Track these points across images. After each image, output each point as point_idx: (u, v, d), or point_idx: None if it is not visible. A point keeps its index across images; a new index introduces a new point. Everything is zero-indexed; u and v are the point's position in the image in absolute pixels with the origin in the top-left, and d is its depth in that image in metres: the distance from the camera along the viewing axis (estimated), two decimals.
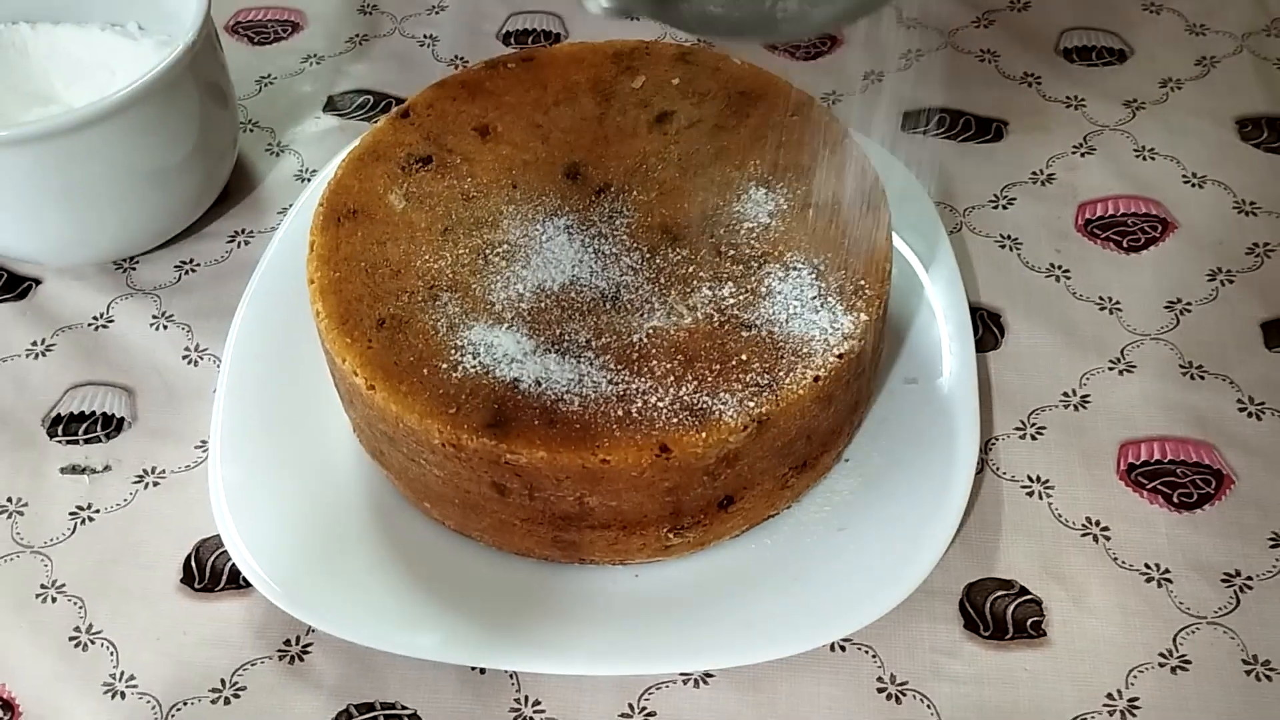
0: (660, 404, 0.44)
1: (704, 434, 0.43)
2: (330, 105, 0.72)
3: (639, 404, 0.44)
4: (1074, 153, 0.66)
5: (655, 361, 0.45)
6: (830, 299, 0.47)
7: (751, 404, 0.44)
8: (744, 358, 0.45)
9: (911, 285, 0.57)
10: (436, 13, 0.78)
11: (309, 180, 0.66)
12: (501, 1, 0.78)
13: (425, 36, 0.76)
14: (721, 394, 0.44)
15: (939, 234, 0.58)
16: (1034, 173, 0.65)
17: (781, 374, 0.45)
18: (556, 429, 0.43)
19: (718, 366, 0.45)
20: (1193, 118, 0.68)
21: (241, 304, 0.56)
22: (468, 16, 0.77)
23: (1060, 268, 0.60)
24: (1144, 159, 0.65)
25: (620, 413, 0.44)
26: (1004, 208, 0.63)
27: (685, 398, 0.44)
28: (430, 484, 0.48)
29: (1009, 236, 0.62)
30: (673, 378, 0.45)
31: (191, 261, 0.63)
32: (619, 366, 0.45)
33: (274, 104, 0.72)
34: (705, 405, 0.44)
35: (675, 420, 0.44)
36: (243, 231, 0.64)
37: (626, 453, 0.43)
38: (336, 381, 0.50)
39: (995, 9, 0.75)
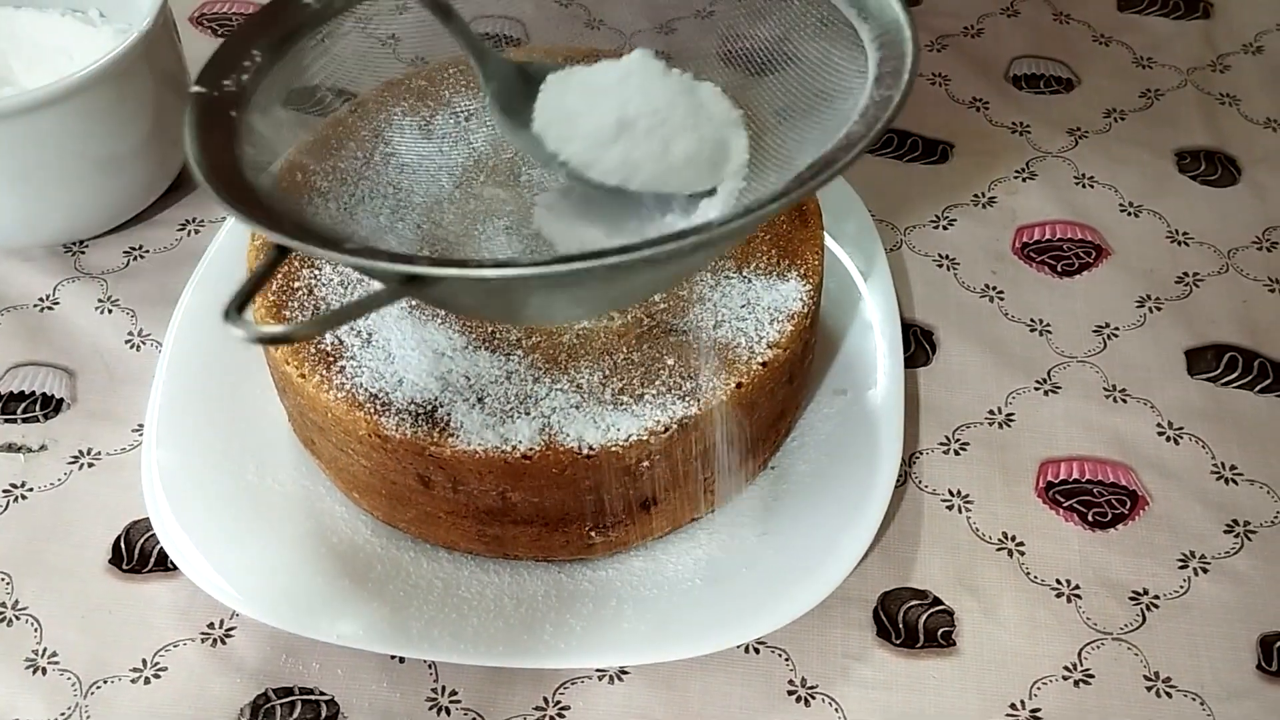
0: (585, 403, 0.45)
1: (625, 435, 0.44)
2: (288, 100, 0.72)
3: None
4: (1016, 177, 0.67)
5: (583, 361, 0.46)
6: (758, 309, 0.48)
7: (674, 407, 0.45)
8: (670, 361, 0.46)
9: (848, 299, 0.58)
10: (400, 14, 0.78)
11: None
12: (464, 5, 0.79)
13: (388, 37, 0.77)
14: (645, 396, 0.45)
15: (877, 250, 0.59)
16: (975, 195, 0.66)
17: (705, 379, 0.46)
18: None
19: (643, 369, 0.46)
20: (1133, 148, 0.69)
21: (185, 291, 0.57)
22: (430, 19, 0.78)
23: (995, 289, 0.62)
24: (1084, 186, 0.67)
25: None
26: (944, 228, 0.65)
27: (609, 398, 0.45)
28: (358, 474, 0.48)
29: (947, 256, 0.63)
30: (599, 378, 0.46)
31: (141, 248, 0.64)
32: (547, 365, 0.46)
33: None
34: (628, 406, 0.45)
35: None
36: (193, 220, 0.65)
37: (548, 450, 0.44)
38: (271, 370, 0.51)
39: (949, 34, 0.76)
